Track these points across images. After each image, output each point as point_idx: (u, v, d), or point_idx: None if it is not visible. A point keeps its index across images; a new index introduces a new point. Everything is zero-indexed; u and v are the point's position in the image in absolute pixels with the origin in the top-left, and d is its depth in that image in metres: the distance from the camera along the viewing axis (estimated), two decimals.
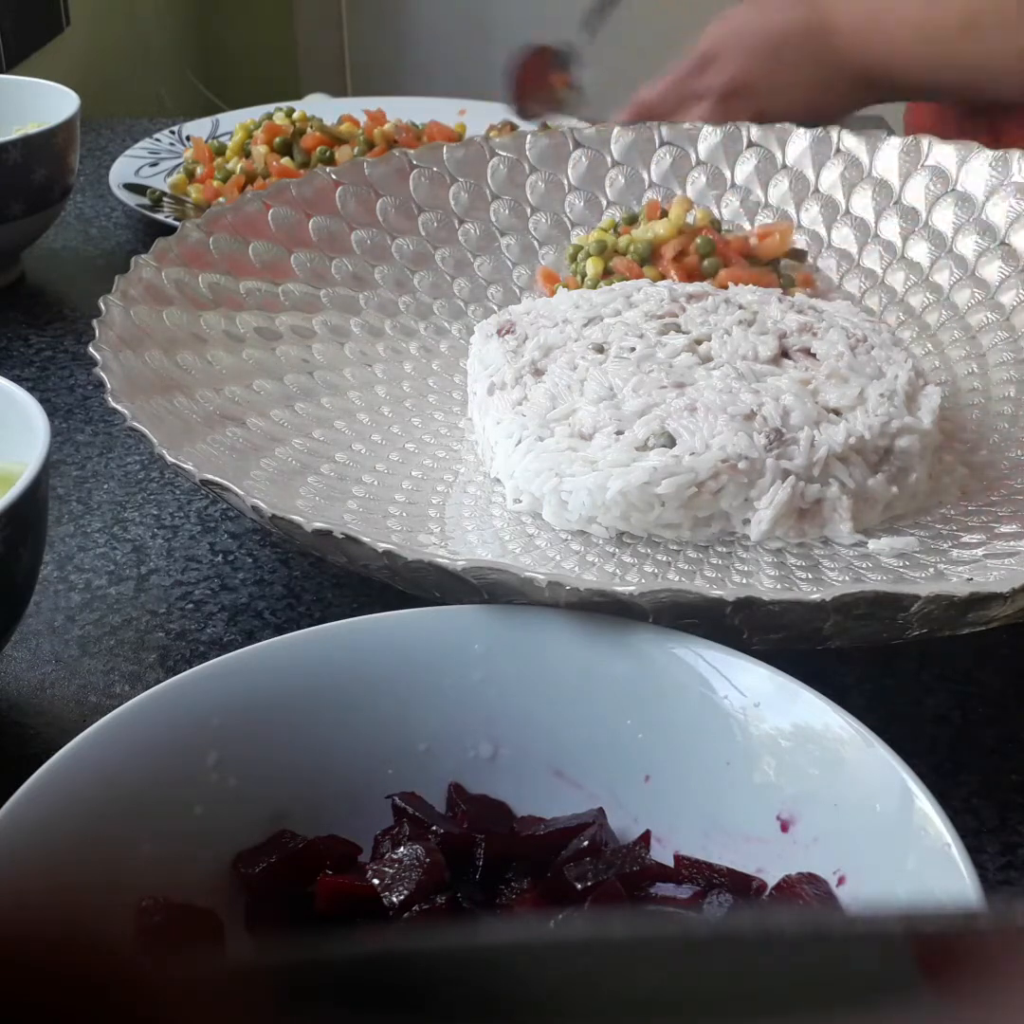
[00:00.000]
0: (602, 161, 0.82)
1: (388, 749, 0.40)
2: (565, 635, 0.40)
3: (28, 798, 0.34)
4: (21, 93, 0.92)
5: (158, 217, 0.91)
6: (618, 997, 0.19)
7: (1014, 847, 0.44)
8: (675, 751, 0.39)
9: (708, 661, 0.39)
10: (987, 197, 0.73)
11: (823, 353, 0.59)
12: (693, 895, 0.37)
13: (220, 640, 0.54)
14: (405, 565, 0.44)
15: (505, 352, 0.61)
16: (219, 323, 0.66)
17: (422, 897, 0.34)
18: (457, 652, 0.40)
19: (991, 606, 0.42)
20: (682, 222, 0.73)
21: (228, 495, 0.49)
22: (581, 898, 0.35)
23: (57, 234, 0.95)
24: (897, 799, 0.34)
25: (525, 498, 0.56)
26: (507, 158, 0.81)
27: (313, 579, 0.57)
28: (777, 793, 0.37)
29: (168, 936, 0.34)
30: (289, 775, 0.39)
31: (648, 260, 0.72)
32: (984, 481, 0.58)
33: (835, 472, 0.54)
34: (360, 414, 0.64)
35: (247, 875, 0.37)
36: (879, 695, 0.50)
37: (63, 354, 0.78)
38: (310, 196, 0.75)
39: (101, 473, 0.66)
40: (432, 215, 0.78)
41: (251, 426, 0.60)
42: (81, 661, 0.52)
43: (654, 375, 0.57)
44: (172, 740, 0.37)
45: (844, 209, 0.78)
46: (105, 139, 1.16)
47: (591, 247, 0.74)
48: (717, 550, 0.54)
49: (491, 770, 0.40)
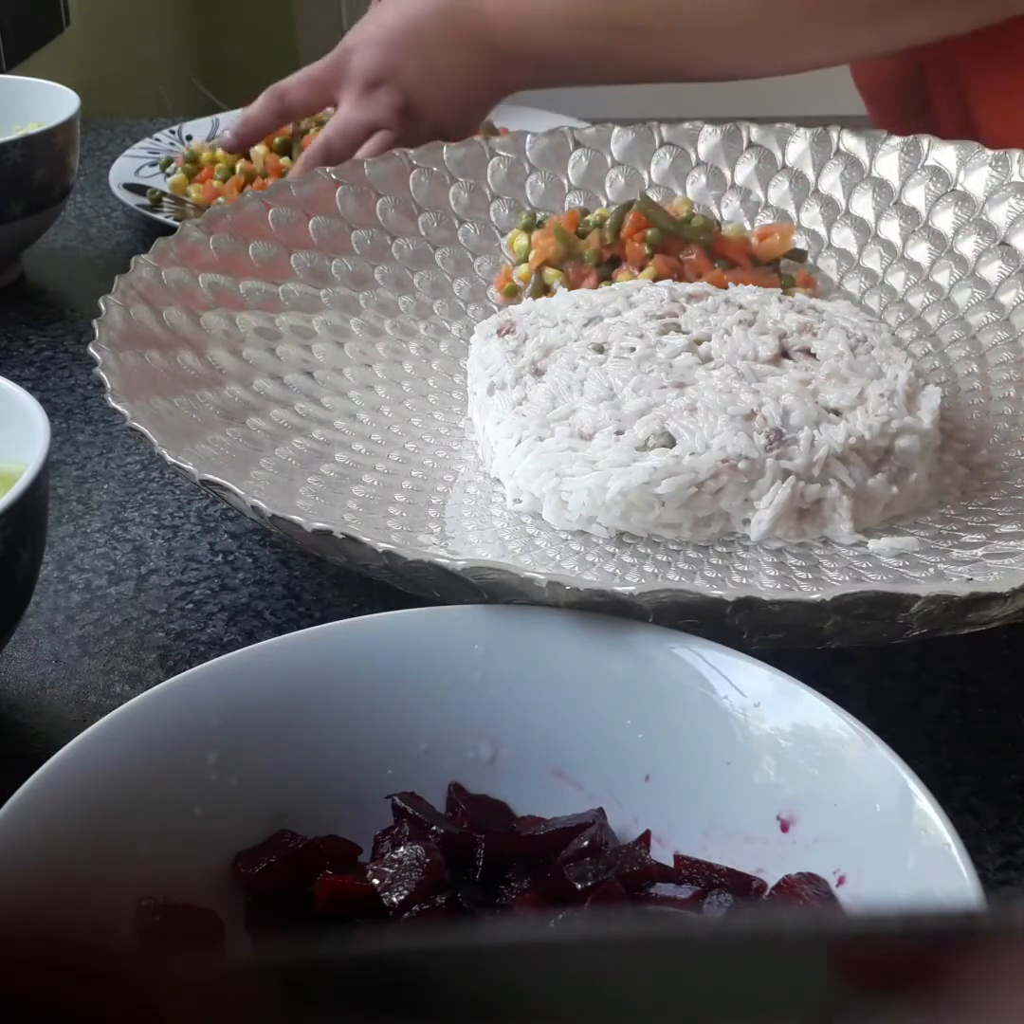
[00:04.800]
0: (602, 161, 0.82)
1: (388, 749, 0.40)
2: (565, 635, 0.40)
3: (28, 798, 0.34)
4: (21, 93, 0.92)
5: (158, 217, 0.91)
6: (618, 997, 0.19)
7: (1014, 847, 0.44)
8: (675, 751, 0.39)
9: (708, 661, 0.39)
10: (987, 197, 0.73)
11: (823, 353, 0.59)
12: (693, 895, 0.37)
13: (220, 640, 0.54)
14: (405, 565, 0.44)
15: (505, 352, 0.61)
16: (219, 323, 0.66)
17: (422, 897, 0.34)
18: (457, 652, 0.40)
19: (991, 606, 0.42)
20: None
21: (228, 495, 0.49)
22: (581, 898, 0.35)
23: (57, 234, 0.95)
24: (897, 799, 0.34)
25: (525, 498, 0.56)
26: (507, 158, 0.81)
27: (313, 579, 0.57)
28: (777, 793, 0.37)
29: (168, 936, 0.34)
30: (289, 775, 0.39)
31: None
32: (984, 481, 0.58)
33: (835, 472, 0.54)
34: (360, 414, 0.64)
35: (247, 875, 0.37)
36: (879, 695, 0.50)
37: (63, 354, 0.78)
38: (310, 196, 0.75)
39: (101, 473, 0.66)
40: (432, 215, 0.78)
41: (251, 426, 0.60)
42: (81, 661, 0.52)
43: (654, 375, 0.57)
44: (172, 740, 0.37)
45: (844, 209, 0.78)
46: (105, 139, 1.16)
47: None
48: (717, 550, 0.54)
49: (491, 770, 0.40)
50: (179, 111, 1.67)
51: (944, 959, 0.19)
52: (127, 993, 0.18)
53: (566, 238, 0.73)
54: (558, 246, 0.73)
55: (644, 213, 0.73)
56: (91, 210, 1.01)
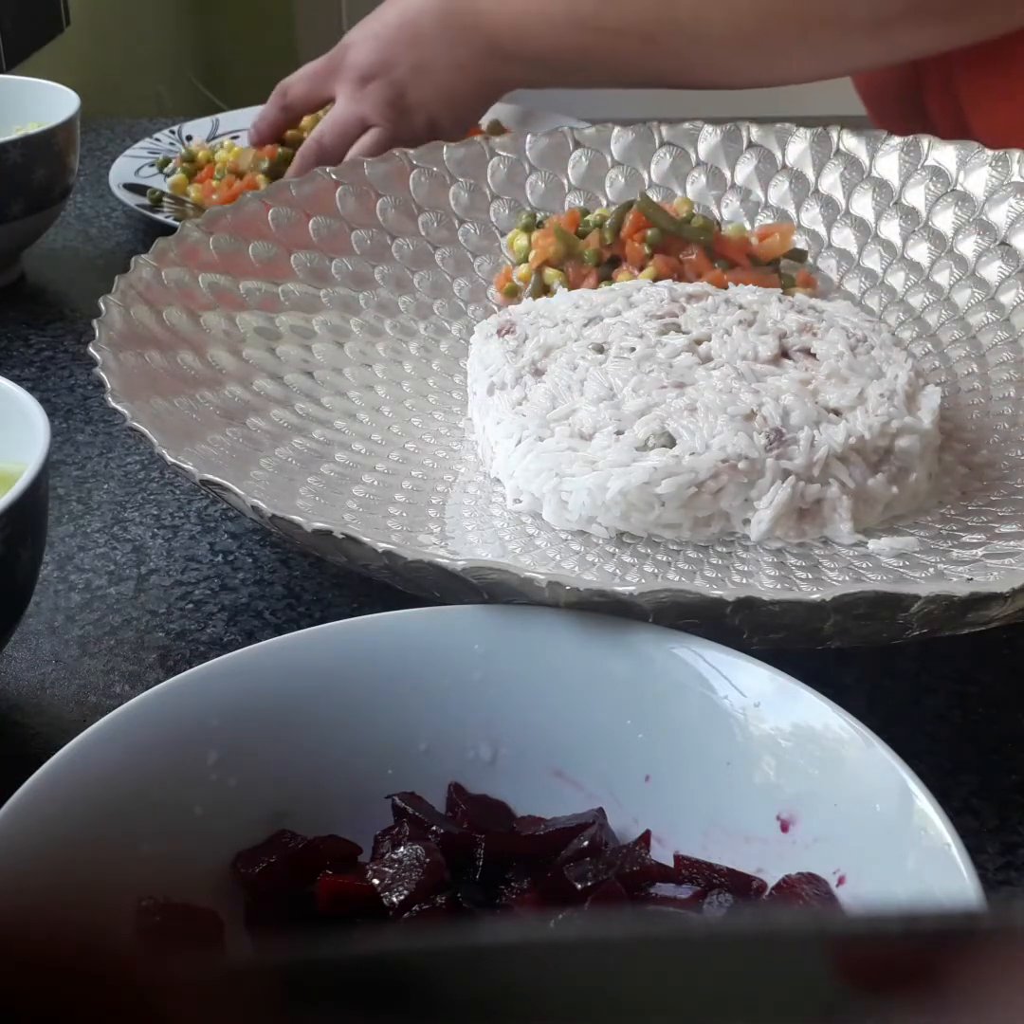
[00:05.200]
0: (602, 161, 0.82)
1: (388, 749, 0.40)
2: (565, 635, 0.40)
3: (28, 798, 0.34)
4: (21, 93, 0.92)
5: (158, 217, 0.91)
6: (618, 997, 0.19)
7: (1014, 847, 0.44)
8: (675, 751, 0.39)
9: (708, 661, 0.39)
10: (987, 197, 0.73)
11: (823, 353, 0.59)
12: (693, 895, 0.37)
13: (220, 640, 0.54)
14: (405, 565, 0.44)
15: (505, 352, 0.61)
16: (219, 323, 0.66)
17: (422, 897, 0.34)
18: (457, 652, 0.40)
19: (991, 606, 0.42)
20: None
21: (228, 495, 0.49)
22: (581, 898, 0.35)
23: (57, 234, 0.95)
24: (897, 799, 0.34)
25: (525, 498, 0.56)
26: (507, 158, 0.81)
27: (313, 579, 0.57)
28: (777, 793, 0.37)
29: (168, 936, 0.34)
30: (289, 775, 0.39)
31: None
32: (984, 481, 0.58)
33: (835, 472, 0.54)
34: (360, 414, 0.64)
35: (247, 875, 0.37)
36: (879, 695, 0.50)
37: (63, 354, 0.78)
38: (310, 196, 0.75)
39: (101, 473, 0.66)
40: (432, 215, 0.78)
41: (251, 426, 0.60)
42: (81, 661, 0.52)
43: (654, 375, 0.57)
44: (172, 740, 0.37)
45: (844, 209, 0.78)
46: (105, 139, 1.16)
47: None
48: (717, 550, 0.54)
49: (491, 770, 0.40)
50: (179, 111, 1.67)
51: (944, 959, 0.19)
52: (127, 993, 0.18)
53: (566, 238, 0.73)
54: (558, 246, 0.73)
55: (644, 213, 0.73)
56: (91, 210, 1.01)
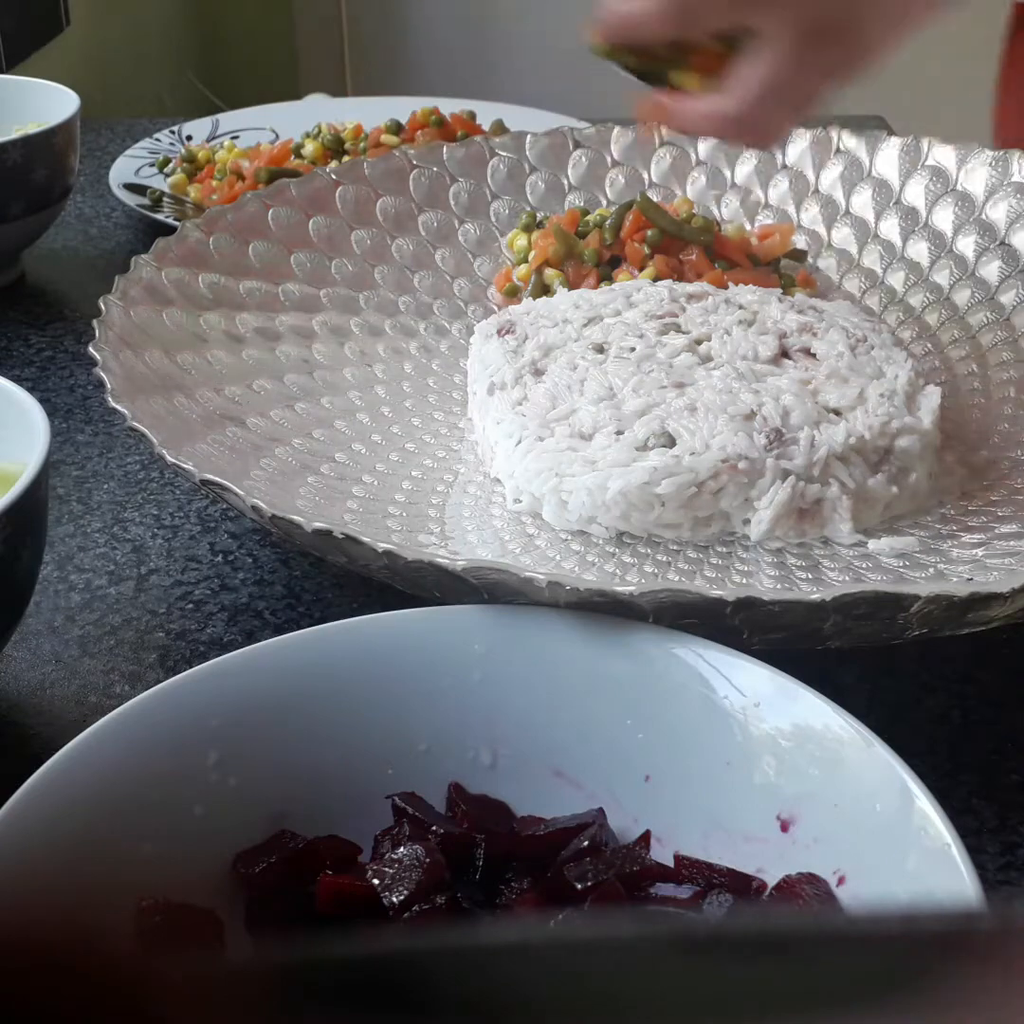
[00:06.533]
0: (602, 161, 0.82)
1: (388, 749, 0.40)
2: (565, 635, 0.40)
3: (28, 798, 0.34)
4: (21, 93, 0.92)
5: (158, 217, 0.91)
6: (618, 997, 0.19)
7: (1014, 847, 0.44)
8: (675, 751, 0.39)
9: (708, 661, 0.39)
10: (987, 197, 0.73)
11: (823, 353, 0.59)
12: (693, 895, 0.37)
13: (220, 640, 0.54)
14: (405, 565, 0.44)
15: (505, 352, 0.61)
16: (219, 323, 0.66)
17: (422, 897, 0.34)
18: (457, 652, 0.40)
19: (991, 606, 0.42)
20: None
21: (228, 495, 0.49)
22: (581, 898, 0.35)
23: (57, 234, 0.95)
24: (897, 799, 0.34)
25: (525, 498, 0.56)
26: (507, 158, 0.81)
27: (313, 579, 0.57)
28: (777, 793, 0.37)
29: (168, 936, 0.34)
30: (289, 775, 0.39)
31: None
32: (984, 481, 0.58)
33: (835, 472, 0.54)
34: (360, 414, 0.64)
35: (247, 875, 0.37)
36: (879, 695, 0.50)
37: (63, 354, 0.78)
38: (310, 196, 0.75)
39: (101, 473, 0.66)
40: (432, 215, 0.78)
41: (251, 426, 0.60)
42: (81, 661, 0.52)
43: (654, 375, 0.57)
44: (172, 740, 0.37)
45: (844, 209, 0.78)
46: (105, 139, 1.16)
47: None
48: (717, 550, 0.54)
49: (491, 770, 0.40)
50: (179, 111, 1.66)
51: (944, 959, 0.19)
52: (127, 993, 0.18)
53: (566, 238, 0.73)
54: (558, 246, 0.73)
55: (644, 213, 0.73)
56: (91, 210, 1.01)
